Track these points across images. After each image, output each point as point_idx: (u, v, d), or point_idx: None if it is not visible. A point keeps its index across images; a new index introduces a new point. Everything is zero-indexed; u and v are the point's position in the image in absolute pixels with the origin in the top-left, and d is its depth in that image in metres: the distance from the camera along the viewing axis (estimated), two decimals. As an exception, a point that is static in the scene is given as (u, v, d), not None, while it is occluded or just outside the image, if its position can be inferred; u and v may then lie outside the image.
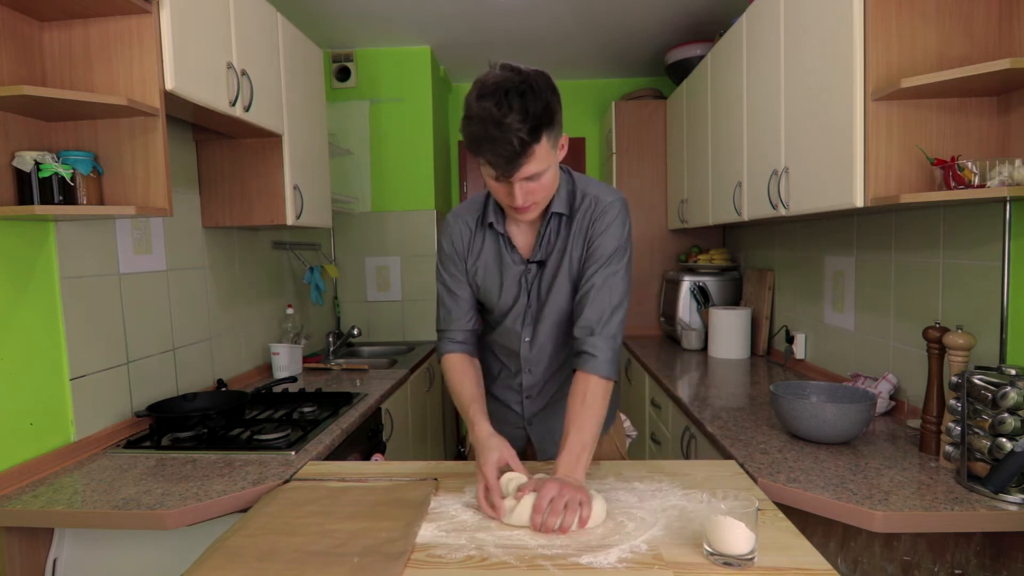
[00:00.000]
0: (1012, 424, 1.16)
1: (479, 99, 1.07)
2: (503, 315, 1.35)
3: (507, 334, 1.37)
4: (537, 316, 1.33)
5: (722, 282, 3.05)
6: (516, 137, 1.05)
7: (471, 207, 1.36)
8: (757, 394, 2.06)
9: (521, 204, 1.16)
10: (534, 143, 1.07)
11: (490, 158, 1.09)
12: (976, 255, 1.51)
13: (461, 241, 1.35)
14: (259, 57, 2.02)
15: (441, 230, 1.39)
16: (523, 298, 1.33)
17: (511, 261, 1.32)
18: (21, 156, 1.40)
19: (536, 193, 1.16)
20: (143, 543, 1.39)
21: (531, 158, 1.09)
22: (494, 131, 1.05)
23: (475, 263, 1.35)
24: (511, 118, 1.04)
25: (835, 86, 1.60)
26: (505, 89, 1.06)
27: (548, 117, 1.08)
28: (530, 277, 1.32)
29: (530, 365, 1.37)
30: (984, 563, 1.24)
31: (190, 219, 2.14)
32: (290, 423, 1.79)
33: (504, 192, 1.16)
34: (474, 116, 1.08)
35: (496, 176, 1.12)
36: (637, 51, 3.56)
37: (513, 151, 1.07)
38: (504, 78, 1.08)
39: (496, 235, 1.32)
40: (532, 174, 1.12)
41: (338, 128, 3.41)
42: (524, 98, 1.06)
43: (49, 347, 1.54)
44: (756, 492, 1.22)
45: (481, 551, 1.00)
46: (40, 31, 1.50)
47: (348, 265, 3.54)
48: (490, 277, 1.34)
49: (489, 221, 1.30)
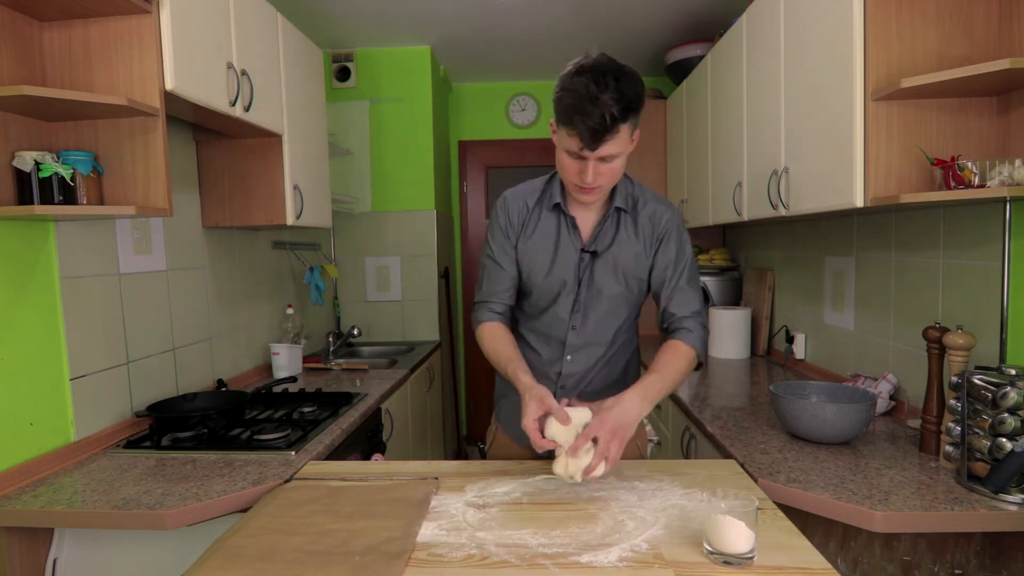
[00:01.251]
0: (1012, 424, 1.16)
1: (576, 75, 1.15)
2: (551, 300, 1.37)
3: (553, 321, 1.38)
4: (587, 305, 1.36)
5: (722, 282, 3.05)
6: (608, 113, 1.12)
7: (529, 189, 1.41)
8: (757, 394, 2.06)
9: (591, 183, 1.21)
10: (621, 123, 1.14)
11: (580, 128, 1.14)
12: (976, 255, 1.51)
13: (516, 218, 1.38)
14: (259, 57, 2.02)
15: (496, 205, 1.42)
16: (574, 284, 1.35)
17: (571, 244, 1.35)
18: (21, 156, 1.40)
19: (605, 175, 1.22)
20: (143, 543, 1.39)
21: (615, 137, 1.15)
22: (588, 104, 1.12)
23: (527, 242, 1.37)
24: (606, 95, 1.12)
25: (835, 86, 1.60)
26: (604, 70, 1.14)
27: (637, 103, 1.16)
28: (583, 265, 1.35)
29: (573, 352, 1.39)
30: (984, 563, 1.24)
31: (190, 219, 2.14)
32: (290, 423, 1.79)
33: (576, 170, 1.21)
34: (570, 88, 1.15)
35: (578, 149, 1.17)
36: (637, 51, 3.56)
37: (603, 125, 1.13)
38: (602, 62, 1.16)
39: (558, 216, 1.36)
40: (609, 154, 1.18)
41: (338, 128, 3.41)
42: (619, 81, 1.13)
43: (49, 347, 1.54)
44: (756, 492, 1.22)
45: (482, 550, 1.00)
46: (40, 31, 1.50)
47: (348, 265, 3.54)
48: (541, 257, 1.36)
49: (556, 201, 1.34)
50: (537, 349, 1.42)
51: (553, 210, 1.36)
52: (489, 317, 1.40)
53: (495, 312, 1.40)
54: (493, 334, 1.37)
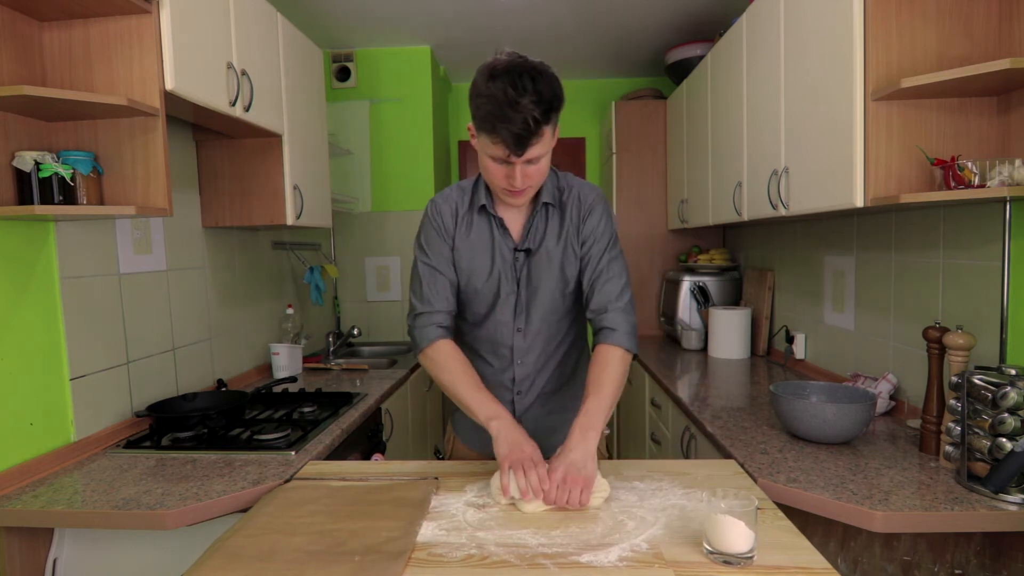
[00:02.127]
0: (1012, 424, 1.16)
1: (491, 79, 1.11)
2: (491, 306, 1.34)
3: (497, 327, 1.36)
4: (528, 304, 1.34)
5: (722, 282, 3.05)
6: (530, 117, 1.09)
7: (457, 192, 1.37)
8: (757, 394, 2.06)
9: (520, 186, 1.19)
10: (545, 125, 1.12)
11: (503, 136, 1.11)
12: (976, 255, 1.51)
13: (450, 220, 1.34)
14: (259, 57, 2.02)
15: (425, 212, 1.37)
16: (513, 286, 1.33)
17: (504, 246, 1.32)
18: (21, 156, 1.40)
19: (533, 177, 1.20)
20: (143, 543, 1.39)
21: (540, 140, 1.13)
22: (509, 111, 1.09)
23: (461, 248, 1.34)
24: (526, 99, 1.08)
25: (835, 86, 1.60)
26: (518, 72, 1.10)
27: (558, 103, 1.13)
28: (519, 265, 1.33)
29: (522, 356, 1.37)
30: (984, 563, 1.24)
31: (190, 219, 2.14)
32: (290, 423, 1.79)
33: (502, 174, 1.19)
34: (488, 95, 1.10)
35: (504, 156, 1.15)
36: (637, 51, 3.56)
37: (527, 130, 1.10)
38: (515, 62, 1.12)
39: (488, 219, 1.33)
40: (535, 156, 1.15)
41: (338, 128, 3.41)
42: (536, 81, 1.10)
43: (49, 347, 1.54)
44: (756, 492, 1.22)
45: (482, 550, 1.00)
46: (40, 31, 1.50)
47: (348, 265, 3.54)
48: (478, 262, 1.33)
49: (482, 203, 1.31)
50: (487, 358, 1.39)
51: (481, 213, 1.33)
52: (437, 334, 1.30)
53: (441, 327, 1.31)
54: (450, 355, 1.29)
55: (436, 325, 1.31)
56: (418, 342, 1.32)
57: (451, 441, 1.55)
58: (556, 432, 1.37)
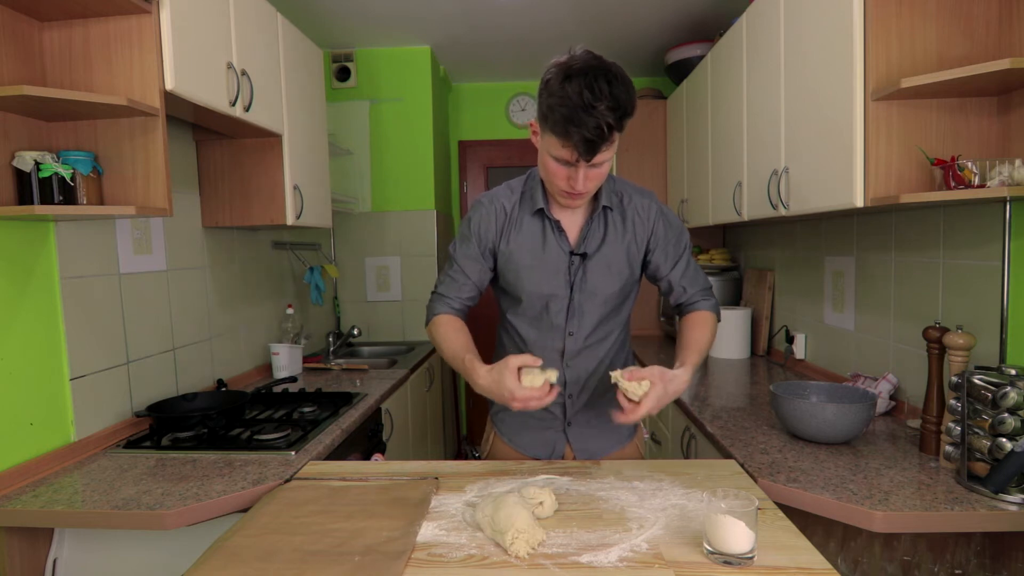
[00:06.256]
0: (1012, 424, 1.16)
1: (566, 79, 1.08)
2: (542, 308, 1.33)
3: (549, 330, 1.35)
4: (582, 307, 1.33)
5: (722, 282, 3.05)
6: (604, 123, 1.07)
7: (507, 191, 1.36)
8: (757, 394, 2.06)
9: (581, 190, 1.18)
10: (617, 131, 1.10)
11: (574, 140, 1.09)
12: (976, 255, 1.51)
13: (492, 224, 1.33)
14: (259, 57, 2.02)
15: (472, 208, 1.37)
16: (566, 289, 1.32)
17: (559, 249, 1.31)
18: (21, 156, 1.40)
19: (594, 181, 1.19)
20: (143, 543, 1.39)
21: (610, 145, 1.12)
22: (583, 115, 1.06)
23: (509, 247, 1.33)
24: (601, 104, 1.06)
25: (835, 86, 1.60)
26: (595, 74, 1.08)
27: (632, 108, 1.11)
28: (573, 268, 1.32)
29: (573, 360, 1.36)
30: (984, 563, 1.24)
31: (190, 219, 2.14)
32: (290, 423, 1.79)
33: (564, 176, 1.18)
34: (562, 96, 1.08)
35: (571, 159, 1.13)
36: (637, 51, 3.56)
37: (600, 136, 1.08)
38: (591, 63, 1.09)
39: (542, 221, 1.32)
40: (602, 161, 1.15)
41: (338, 128, 3.41)
42: (612, 85, 1.08)
43: (49, 347, 1.54)
44: (756, 492, 1.22)
45: (482, 550, 1.00)
46: (40, 31, 1.50)
47: (348, 265, 3.54)
48: (527, 264, 1.32)
49: (539, 207, 1.30)
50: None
51: (536, 215, 1.32)
52: (444, 310, 1.35)
53: (452, 307, 1.36)
54: (450, 325, 1.32)
55: (447, 304, 1.37)
56: (428, 314, 1.39)
57: (490, 440, 1.51)
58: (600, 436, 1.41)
